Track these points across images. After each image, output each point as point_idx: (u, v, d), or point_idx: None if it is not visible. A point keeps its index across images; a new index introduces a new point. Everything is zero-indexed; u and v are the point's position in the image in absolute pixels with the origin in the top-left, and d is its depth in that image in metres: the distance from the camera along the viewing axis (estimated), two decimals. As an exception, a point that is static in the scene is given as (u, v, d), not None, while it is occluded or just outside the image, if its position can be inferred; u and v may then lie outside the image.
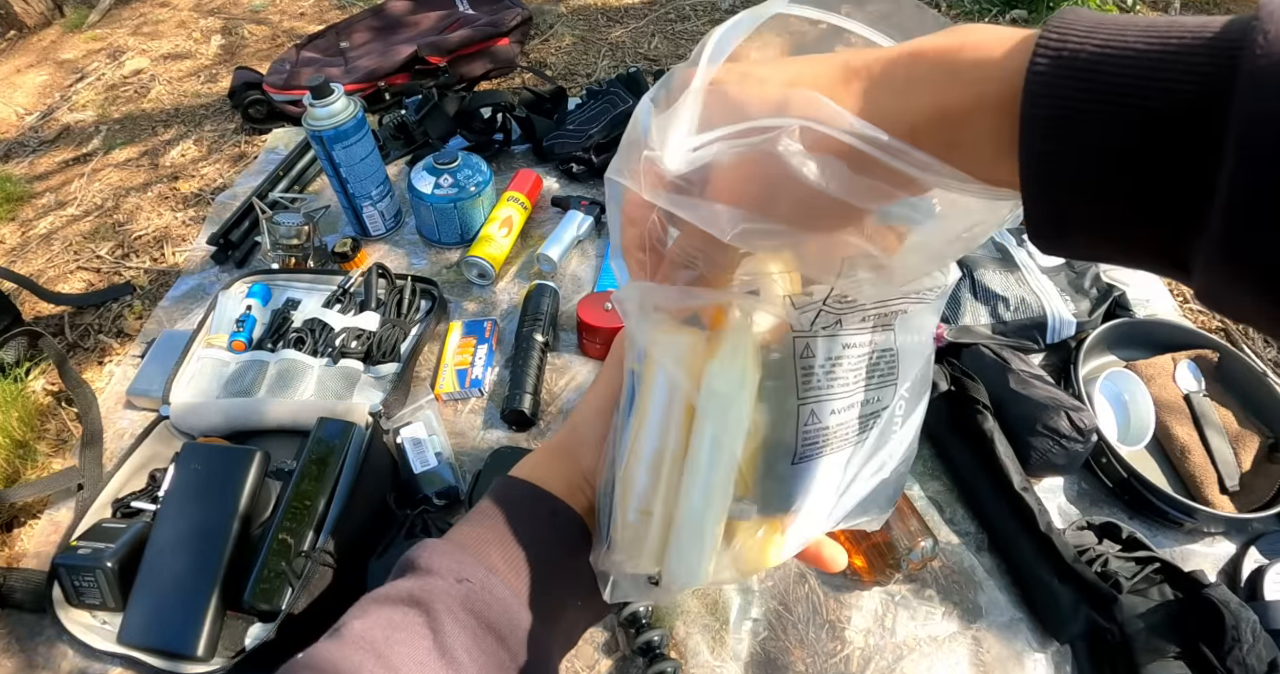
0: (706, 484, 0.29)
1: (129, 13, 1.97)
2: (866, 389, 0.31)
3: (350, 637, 0.29)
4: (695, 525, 0.29)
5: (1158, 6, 1.70)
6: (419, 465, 0.79)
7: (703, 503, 0.29)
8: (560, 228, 1.05)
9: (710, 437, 0.28)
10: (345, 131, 0.96)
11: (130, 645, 0.66)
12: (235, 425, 0.84)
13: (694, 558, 0.29)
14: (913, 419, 0.34)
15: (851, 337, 0.30)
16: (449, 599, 0.30)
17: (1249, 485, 0.79)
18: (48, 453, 0.90)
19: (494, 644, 0.30)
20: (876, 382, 0.32)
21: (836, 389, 0.30)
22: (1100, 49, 0.18)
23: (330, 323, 0.92)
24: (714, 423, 0.28)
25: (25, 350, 0.99)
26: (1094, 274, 0.94)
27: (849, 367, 0.30)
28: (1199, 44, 0.17)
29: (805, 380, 0.29)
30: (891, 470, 0.34)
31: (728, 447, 0.28)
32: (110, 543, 0.70)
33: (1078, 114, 0.18)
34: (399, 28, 1.53)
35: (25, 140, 1.51)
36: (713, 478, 0.29)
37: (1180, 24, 0.17)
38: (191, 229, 1.20)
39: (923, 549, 0.69)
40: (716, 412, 0.28)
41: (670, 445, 0.29)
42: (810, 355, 0.29)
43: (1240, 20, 0.17)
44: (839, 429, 0.30)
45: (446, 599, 0.30)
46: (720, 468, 0.29)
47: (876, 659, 0.68)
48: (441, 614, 0.30)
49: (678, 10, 1.74)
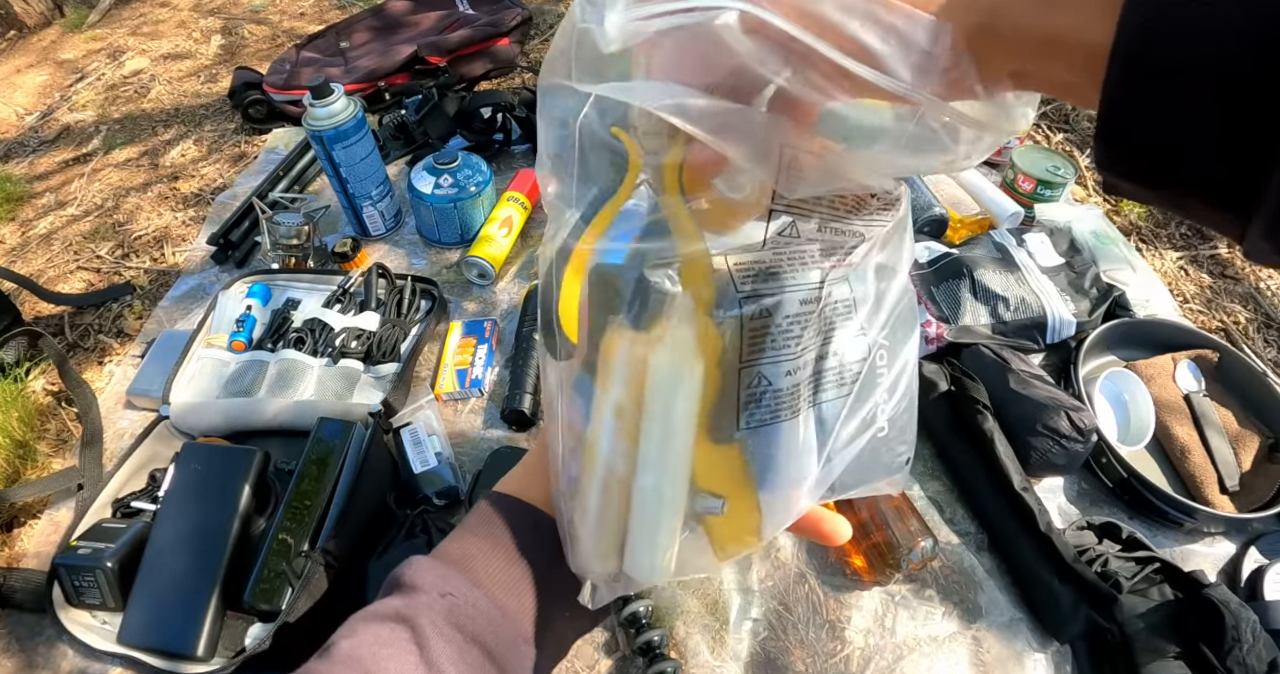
0: (657, 479, 0.28)
1: (129, 13, 1.97)
2: (824, 344, 0.29)
3: (339, 656, 0.29)
4: (648, 519, 0.29)
5: None
6: (419, 465, 0.79)
7: (654, 497, 0.28)
8: (560, 228, 1.05)
9: (657, 433, 0.28)
10: (345, 131, 0.96)
11: (130, 645, 0.66)
12: (235, 425, 0.84)
13: (649, 553, 0.29)
14: (900, 362, 0.32)
15: (797, 290, 0.28)
16: (433, 614, 0.31)
17: (1249, 485, 0.79)
18: (48, 453, 0.90)
19: (479, 656, 0.31)
20: (840, 333, 0.30)
21: (790, 348, 0.28)
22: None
23: (330, 323, 0.92)
24: (659, 421, 0.28)
25: (25, 350, 0.99)
26: (1094, 274, 0.94)
27: (799, 322, 0.28)
28: None
29: (752, 342, 0.27)
30: (889, 420, 0.31)
31: (674, 442, 0.28)
32: (110, 543, 0.70)
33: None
34: (399, 28, 1.52)
35: (25, 140, 1.51)
36: (663, 471, 0.28)
37: None
38: (191, 229, 1.20)
39: (923, 549, 0.69)
40: (659, 408, 0.27)
41: (620, 446, 0.29)
42: (758, 314, 0.27)
43: None
44: (795, 390, 0.28)
45: (431, 614, 0.31)
46: (669, 465, 0.28)
47: (876, 659, 0.68)
48: (426, 629, 0.30)
49: (678, 10, 1.74)
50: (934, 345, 0.87)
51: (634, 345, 0.27)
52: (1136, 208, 1.19)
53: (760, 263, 0.27)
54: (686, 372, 0.27)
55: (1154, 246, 1.13)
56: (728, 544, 0.30)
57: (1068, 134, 1.36)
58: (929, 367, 0.83)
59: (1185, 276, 1.09)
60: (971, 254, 0.95)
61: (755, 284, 0.27)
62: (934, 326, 0.87)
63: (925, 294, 0.92)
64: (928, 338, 0.87)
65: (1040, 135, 1.36)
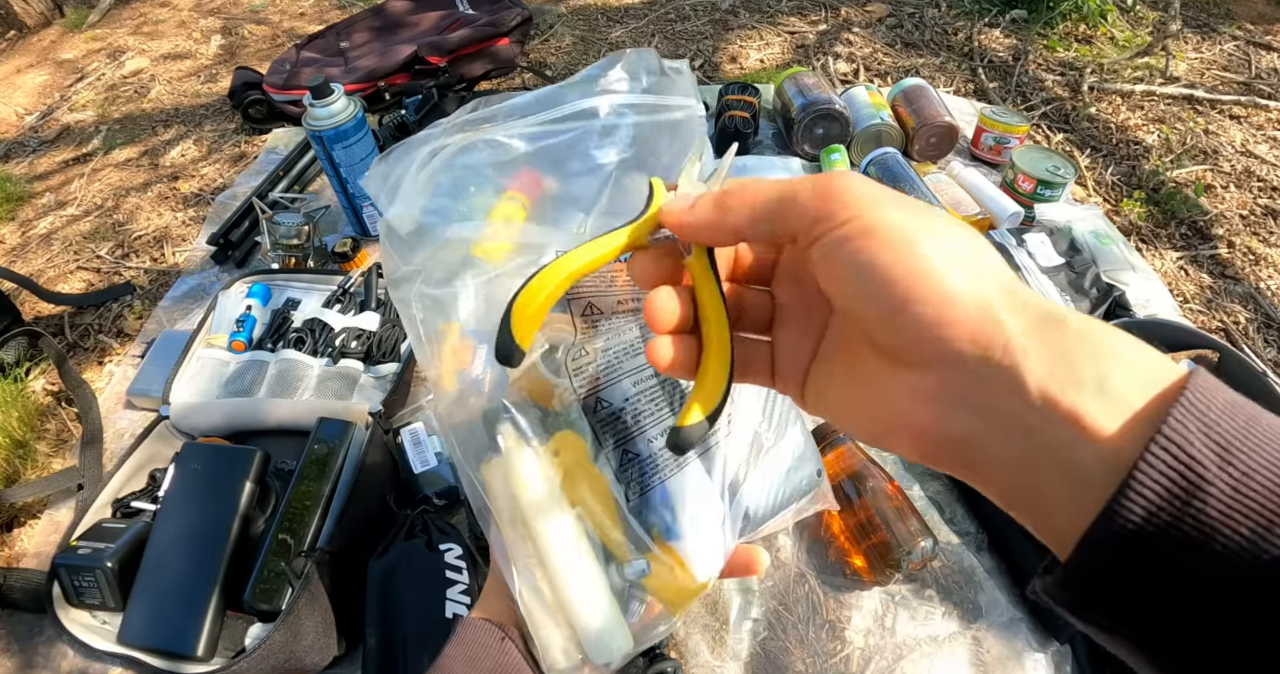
0: (568, 572, 0.31)
1: (129, 13, 1.97)
2: (674, 404, 0.33)
3: None
4: (581, 605, 0.31)
5: (1157, 6, 1.70)
6: (419, 465, 0.79)
7: (570, 585, 0.31)
8: (560, 228, 1.05)
9: (547, 538, 0.31)
10: (345, 131, 0.96)
11: (130, 645, 0.66)
12: (235, 425, 0.84)
13: (601, 635, 0.31)
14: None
15: (632, 373, 0.32)
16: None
17: (1249, 485, 0.79)
18: (48, 453, 0.90)
19: None
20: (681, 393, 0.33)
21: (643, 420, 0.32)
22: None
23: (330, 323, 0.92)
24: (539, 522, 0.31)
25: (25, 350, 0.99)
26: (1094, 274, 0.94)
27: (645, 396, 0.32)
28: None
29: (604, 429, 0.31)
30: (783, 443, 0.35)
31: (562, 534, 0.31)
32: (110, 543, 0.70)
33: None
34: (399, 28, 1.53)
35: (25, 140, 1.51)
36: (569, 564, 0.31)
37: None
38: (191, 229, 1.20)
39: (923, 549, 0.69)
40: (538, 520, 0.31)
41: (528, 553, 0.32)
42: (600, 406, 0.32)
43: None
44: (664, 451, 0.32)
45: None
46: (569, 555, 0.31)
47: (876, 659, 0.68)
48: None
49: (678, 10, 1.74)
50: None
51: (499, 469, 0.32)
52: (1136, 207, 1.19)
53: (589, 362, 0.32)
54: (546, 476, 0.31)
55: (1154, 246, 1.13)
56: (673, 598, 0.32)
57: (1068, 134, 1.36)
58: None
59: (1185, 276, 1.09)
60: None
61: (590, 383, 0.31)
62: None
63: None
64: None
65: (1040, 135, 1.36)
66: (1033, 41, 1.59)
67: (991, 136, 1.18)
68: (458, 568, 0.68)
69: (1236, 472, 0.16)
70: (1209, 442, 0.16)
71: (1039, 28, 1.63)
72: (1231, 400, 0.17)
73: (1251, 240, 1.14)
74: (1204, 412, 0.16)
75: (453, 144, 0.31)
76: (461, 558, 0.68)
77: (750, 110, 1.20)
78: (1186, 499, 0.16)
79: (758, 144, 1.24)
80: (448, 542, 0.69)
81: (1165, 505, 0.16)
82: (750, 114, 1.20)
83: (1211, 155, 1.29)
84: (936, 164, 1.18)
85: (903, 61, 1.56)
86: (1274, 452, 0.16)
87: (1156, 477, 0.16)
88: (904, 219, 0.20)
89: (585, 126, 0.32)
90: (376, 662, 0.64)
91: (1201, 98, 1.41)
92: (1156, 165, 1.27)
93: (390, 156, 0.31)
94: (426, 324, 0.31)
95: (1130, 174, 1.26)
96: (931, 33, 1.65)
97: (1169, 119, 1.37)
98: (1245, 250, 1.13)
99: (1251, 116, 1.38)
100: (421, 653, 0.63)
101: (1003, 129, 1.16)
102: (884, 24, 1.69)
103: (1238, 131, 1.35)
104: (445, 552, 0.69)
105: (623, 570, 0.32)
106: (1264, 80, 1.47)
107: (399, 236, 0.30)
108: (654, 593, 0.32)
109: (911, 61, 1.55)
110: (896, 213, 0.20)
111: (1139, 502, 0.16)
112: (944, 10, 1.72)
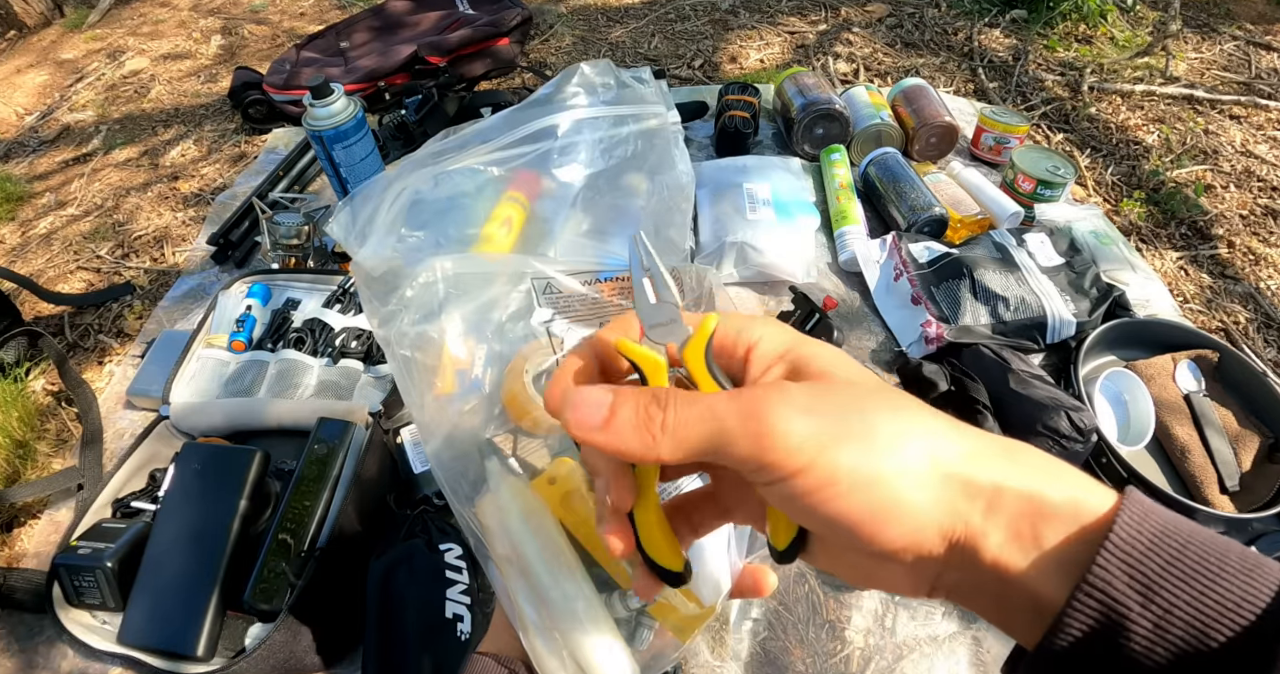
0: (568, 607, 0.31)
1: (129, 13, 1.97)
2: None
3: None
4: (583, 637, 0.31)
5: (1157, 6, 1.70)
6: (419, 465, 0.79)
7: (580, 619, 0.31)
8: (560, 228, 1.05)
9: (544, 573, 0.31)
10: (345, 131, 0.96)
11: (130, 645, 0.66)
12: (235, 425, 0.84)
13: (605, 668, 0.31)
14: None
15: None
16: None
17: (1249, 485, 0.79)
18: (48, 453, 0.90)
19: None
20: None
21: None
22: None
23: (330, 323, 0.92)
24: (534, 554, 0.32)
25: (25, 350, 0.99)
26: (1094, 274, 0.94)
27: None
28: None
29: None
30: None
31: (559, 564, 0.31)
32: (110, 543, 0.70)
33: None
34: (399, 28, 1.53)
35: (25, 140, 1.51)
36: (568, 600, 0.31)
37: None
38: (191, 229, 1.20)
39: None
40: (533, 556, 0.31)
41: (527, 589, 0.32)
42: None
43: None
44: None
45: None
46: (568, 591, 0.31)
47: (876, 659, 0.68)
48: None
49: (678, 10, 1.74)
50: (934, 345, 0.87)
51: (491, 506, 0.32)
52: (1136, 207, 1.19)
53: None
54: (536, 507, 0.32)
55: (1154, 246, 1.13)
56: (681, 624, 0.33)
57: (1068, 134, 1.36)
58: (929, 367, 0.83)
59: (1185, 276, 1.09)
60: (971, 254, 0.95)
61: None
62: (934, 327, 0.87)
63: (925, 294, 0.92)
64: (928, 338, 0.87)
65: (1040, 135, 1.36)
66: (1033, 41, 1.59)
67: (991, 136, 1.18)
68: (458, 568, 0.68)
69: (1159, 608, 0.18)
70: (1132, 582, 0.18)
71: (1039, 28, 1.63)
72: (1160, 531, 0.19)
73: (1251, 240, 1.14)
74: (1128, 553, 0.19)
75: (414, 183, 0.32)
76: (461, 558, 0.68)
77: (750, 110, 1.20)
78: (1110, 636, 0.18)
79: (758, 144, 1.24)
80: (448, 541, 0.69)
81: (1092, 642, 0.18)
82: (750, 114, 1.20)
83: (1211, 155, 1.29)
84: (936, 164, 1.18)
85: (903, 61, 1.56)
86: (1195, 587, 0.18)
87: (1082, 617, 0.19)
88: (854, 458, 0.20)
89: (545, 147, 0.32)
90: (376, 662, 0.64)
91: (1201, 98, 1.41)
92: (1156, 165, 1.27)
93: (355, 200, 0.31)
94: (417, 363, 0.32)
95: (1130, 174, 1.26)
96: (931, 33, 1.65)
97: (1169, 119, 1.37)
98: (1245, 250, 1.13)
99: (1251, 116, 1.38)
100: (421, 653, 0.63)
101: (1003, 129, 1.16)
102: (884, 24, 1.69)
103: (1238, 131, 1.35)
104: (445, 551, 0.69)
105: (626, 599, 0.32)
106: (1264, 80, 1.48)
107: (374, 279, 0.30)
108: (660, 620, 0.32)
109: (911, 61, 1.56)
110: (845, 454, 0.20)
111: (1065, 640, 0.19)
112: (944, 10, 1.72)
